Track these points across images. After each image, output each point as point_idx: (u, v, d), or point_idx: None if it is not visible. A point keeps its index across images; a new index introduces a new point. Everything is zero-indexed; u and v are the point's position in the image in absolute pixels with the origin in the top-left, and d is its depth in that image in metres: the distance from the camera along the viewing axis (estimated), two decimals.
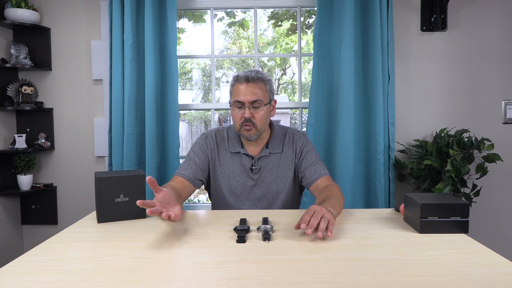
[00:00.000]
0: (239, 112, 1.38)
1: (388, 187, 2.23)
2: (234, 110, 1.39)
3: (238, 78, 1.39)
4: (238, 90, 1.37)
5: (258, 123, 1.37)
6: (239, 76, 1.39)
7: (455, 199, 1.08)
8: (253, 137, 1.38)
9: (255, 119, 1.36)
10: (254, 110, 1.36)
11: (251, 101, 1.35)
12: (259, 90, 1.37)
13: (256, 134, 1.38)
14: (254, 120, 1.36)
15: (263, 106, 1.37)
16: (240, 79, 1.38)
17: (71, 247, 0.96)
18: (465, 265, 0.83)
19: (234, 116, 1.40)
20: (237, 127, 1.40)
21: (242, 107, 1.37)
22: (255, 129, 1.37)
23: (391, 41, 2.18)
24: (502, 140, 2.34)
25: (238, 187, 1.45)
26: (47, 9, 2.41)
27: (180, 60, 6.47)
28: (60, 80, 2.43)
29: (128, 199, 1.19)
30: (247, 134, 1.38)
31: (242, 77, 1.37)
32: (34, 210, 2.48)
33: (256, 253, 0.91)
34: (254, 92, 1.35)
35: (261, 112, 1.37)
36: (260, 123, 1.38)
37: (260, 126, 1.38)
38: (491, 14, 2.32)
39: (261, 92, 1.37)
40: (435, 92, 2.36)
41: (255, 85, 1.36)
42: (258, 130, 1.38)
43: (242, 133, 1.39)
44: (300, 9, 2.48)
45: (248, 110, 1.35)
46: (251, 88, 1.36)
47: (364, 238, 1.01)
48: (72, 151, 2.46)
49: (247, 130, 1.37)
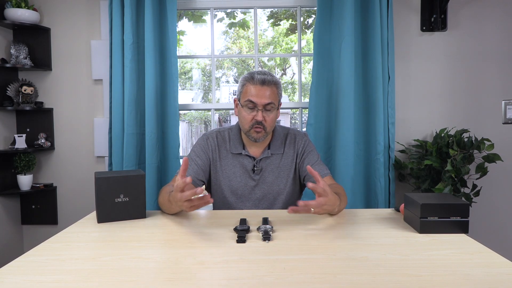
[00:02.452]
0: (251, 114, 1.37)
1: (388, 187, 2.23)
2: (245, 110, 1.38)
3: (253, 79, 1.36)
4: (252, 91, 1.35)
5: (268, 126, 1.38)
6: (254, 78, 1.36)
7: (455, 199, 1.08)
8: (261, 139, 1.40)
9: (266, 122, 1.37)
10: (266, 113, 1.37)
11: (265, 104, 1.35)
12: (272, 93, 1.36)
13: (264, 136, 1.39)
14: (265, 123, 1.37)
15: (275, 110, 1.39)
16: (255, 81, 1.35)
17: (71, 247, 0.96)
18: (465, 265, 0.83)
19: (243, 116, 1.38)
20: (246, 128, 1.39)
21: (255, 108, 1.36)
22: (265, 131, 1.38)
23: (391, 41, 2.18)
24: (502, 140, 2.34)
25: (239, 188, 1.45)
26: (47, 9, 2.41)
27: (180, 60, 6.48)
28: (60, 80, 2.43)
29: (128, 199, 1.19)
30: (256, 136, 1.38)
31: (258, 79, 1.35)
32: (34, 210, 2.48)
33: (256, 253, 0.91)
34: (267, 95, 1.35)
35: (272, 115, 1.38)
36: (270, 126, 1.39)
37: (269, 129, 1.39)
38: (491, 14, 2.32)
39: (274, 96, 1.37)
40: (435, 92, 2.36)
41: (269, 88, 1.36)
42: (267, 132, 1.39)
43: (250, 135, 1.39)
44: (300, 9, 2.48)
45: (261, 113, 1.35)
46: (265, 91, 1.35)
47: (364, 238, 1.01)
48: (72, 151, 2.46)
49: (257, 132, 1.37)
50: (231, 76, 12.54)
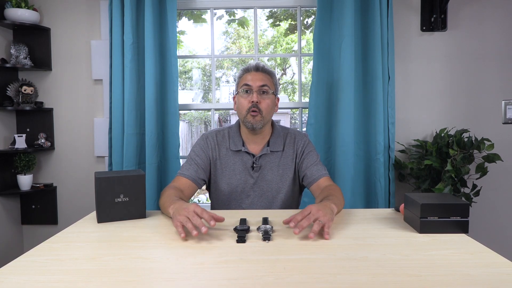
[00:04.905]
0: (247, 98, 1.41)
1: (388, 187, 2.23)
2: (242, 96, 1.43)
3: (248, 68, 1.46)
4: (247, 77, 1.43)
5: (264, 110, 1.40)
6: (249, 66, 1.46)
7: (455, 199, 1.08)
8: (258, 124, 1.40)
9: (261, 105, 1.40)
10: (261, 96, 1.41)
11: (260, 85, 1.40)
12: (267, 78, 1.44)
13: (261, 121, 1.40)
14: (261, 106, 1.39)
15: (270, 94, 1.43)
16: (249, 68, 1.45)
17: (71, 247, 0.96)
18: (465, 265, 0.83)
19: (241, 103, 1.43)
20: (243, 113, 1.42)
21: (250, 91, 1.41)
22: (261, 115, 1.40)
23: (391, 41, 2.18)
24: (502, 140, 2.34)
25: (238, 185, 1.45)
26: (47, 9, 2.41)
27: (180, 60, 6.47)
28: (60, 80, 2.43)
29: (128, 199, 1.19)
30: (253, 120, 1.39)
31: (253, 66, 1.45)
32: (34, 210, 2.48)
33: (256, 253, 0.91)
34: (262, 79, 1.42)
35: (268, 100, 1.42)
36: (266, 111, 1.41)
37: (265, 114, 1.41)
38: (491, 14, 2.32)
39: (269, 81, 1.44)
40: (435, 92, 2.36)
41: (263, 74, 1.44)
42: (263, 117, 1.40)
43: (247, 120, 1.40)
44: (300, 9, 2.48)
45: (256, 95, 1.40)
46: (260, 75, 1.43)
47: (364, 238, 1.01)
48: (72, 151, 2.46)
49: (253, 116, 1.39)
50: (231, 76, 12.55)
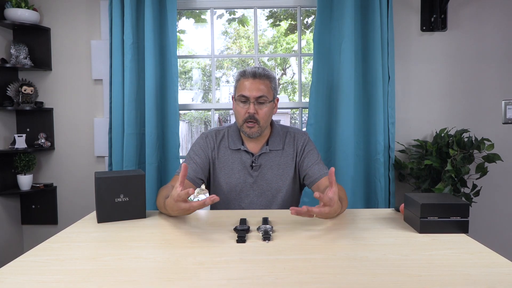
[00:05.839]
0: (244, 107, 1.39)
1: (388, 187, 2.23)
2: (238, 105, 1.40)
3: (245, 73, 1.40)
4: (244, 85, 1.38)
5: (261, 119, 1.38)
6: (246, 71, 1.40)
7: (455, 199, 1.08)
8: (255, 134, 1.39)
9: (258, 115, 1.38)
10: (259, 106, 1.38)
11: (256, 97, 1.37)
12: (265, 86, 1.39)
13: (258, 131, 1.39)
14: (258, 116, 1.37)
15: (267, 103, 1.39)
16: (247, 74, 1.39)
17: (71, 247, 0.96)
18: (465, 265, 0.83)
19: (237, 111, 1.41)
20: (239, 122, 1.41)
21: (247, 102, 1.38)
22: (258, 126, 1.38)
23: (391, 41, 2.18)
24: (502, 140, 2.34)
25: (238, 184, 1.45)
26: (47, 9, 2.41)
27: (180, 60, 6.46)
28: (60, 80, 2.43)
29: (128, 199, 1.19)
30: (250, 131, 1.39)
31: (249, 72, 1.39)
32: (34, 210, 2.48)
33: (256, 253, 0.91)
34: (259, 88, 1.37)
35: (265, 108, 1.39)
36: (263, 120, 1.39)
37: (263, 123, 1.39)
38: (491, 14, 2.32)
39: (266, 89, 1.39)
40: (435, 92, 2.36)
41: (261, 81, 1.38)
42: (261, 127, 1.39)
43: (244, 130, 1.40)
44: (300, 9, 2.48)
45: (252, 106, 1.37)
46: (257, 84, 1.37)
47: (364, 238, 1.01)
48: (72, 151, 2.46)
49: (249, 127, 1.38)
50: (231, 76, 12.55)
